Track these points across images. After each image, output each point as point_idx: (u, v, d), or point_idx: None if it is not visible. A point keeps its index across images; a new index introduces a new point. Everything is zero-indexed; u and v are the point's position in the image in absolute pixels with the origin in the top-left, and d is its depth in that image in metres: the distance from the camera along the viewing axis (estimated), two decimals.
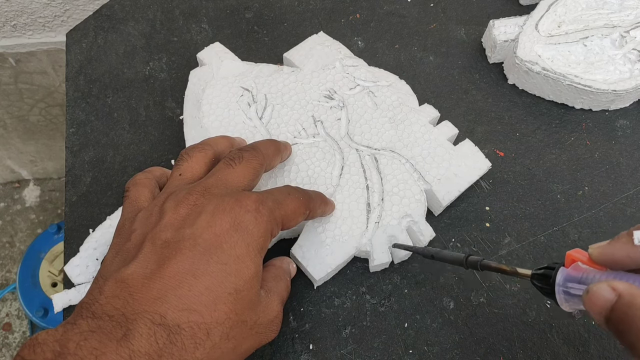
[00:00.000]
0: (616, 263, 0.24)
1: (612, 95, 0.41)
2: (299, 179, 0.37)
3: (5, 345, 1.04)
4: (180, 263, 0.26)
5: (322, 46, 0.43)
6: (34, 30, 0.74)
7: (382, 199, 0.37)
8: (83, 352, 0.23)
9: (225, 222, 0.28)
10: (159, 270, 0.26)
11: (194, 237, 0.27)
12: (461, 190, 0.38)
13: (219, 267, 0.27)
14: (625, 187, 0.40)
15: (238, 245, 0.28)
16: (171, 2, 0.50)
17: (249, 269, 0.28)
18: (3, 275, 1.10)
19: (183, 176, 0.32)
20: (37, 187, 1.18)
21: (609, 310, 0.22)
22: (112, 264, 0.28)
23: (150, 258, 0.27)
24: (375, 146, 0.39)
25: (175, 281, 0.26)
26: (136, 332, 0.24)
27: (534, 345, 0.34)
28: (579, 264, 0.25)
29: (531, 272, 0.27)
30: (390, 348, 0.34)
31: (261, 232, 0.29)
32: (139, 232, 0.29)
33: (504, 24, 0.44)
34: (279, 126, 0.39)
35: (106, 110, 0.45)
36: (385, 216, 0.36)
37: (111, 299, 0.26)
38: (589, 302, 0.22)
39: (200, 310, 0.26)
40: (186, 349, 0.25)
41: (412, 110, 0.40)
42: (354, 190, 0.37)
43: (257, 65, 0.43)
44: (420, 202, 0.37)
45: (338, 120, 0.40)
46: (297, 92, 0.41)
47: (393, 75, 0.42)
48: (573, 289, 0.24)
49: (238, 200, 0.29)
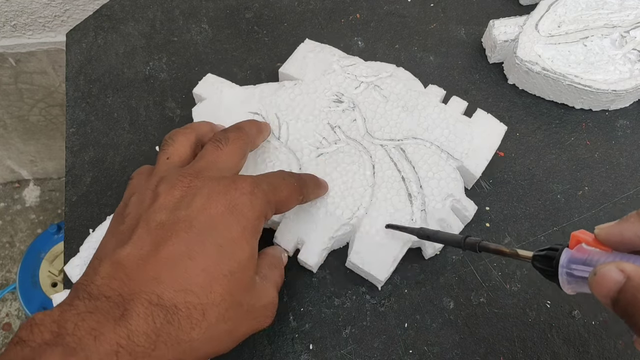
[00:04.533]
0: (624, 243, 0.23)
1: (612, 95, 0.41)
2: (336, 188, 0.37)
3: (5, 345, 1.04)
4: (176, 245, 0.27)
5: (313, 53, 0.43)
6: (34, 30, 0.74)
7: (420, 186, 0.37)
8: (81, 332, 0.23)
9: (221, 205, 0.28)
10: (154, 252, 0.26)
11: (189, 219, 0.27)
12: (489, 158, 0.38)
13: (214, 249, 0.27)
14: (625, 187, 0.40)
15: (233, 227, 0.28)
16: (171, 2, 0.50)
17: (244, 251, 0.28)
18: (3, 275, 1.10)
19: (171, 159, 0.32)
20: (37, 187, 1.18)
21: (617, 292, 0.21)
22: (106, 246, 0.28)
23: (145, 239, 0.27)
24: (397, 137, 0.39)
25: (172, 262, 0.26)
26: (133, 312, 0.24)
27: (534, 345, 0.34)
28: (583, 246, 0.24)
29: (533, 254, 0.26)
30: (390, 348, 0.34)
31: (256, 215, 0.29)
32: (132, 214, 0.29)
33: (504, 24, 0.44)
34: (299, 141, 0.39)
35: (106, 110, 0.45)
36: (428, 202, 0.36)
37: (107, 279, 0.26)
38: (595, 284, 0.22)
39: (196, 291, 0.26)
40: (183, 328, 0.25)
41: (421, 94, 0.40)
42: (391, 185, 0.37)
43: (256, 87, 0.42)
44: (456, 179, 0.37)
45: (354, 122, 0.40)
46: (306, 103, 0.40)
47: (390, 65, 0.43)
48: (577, 270, 0.24)
49: (233, 182, 0.29)
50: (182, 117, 0.44)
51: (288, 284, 0.36)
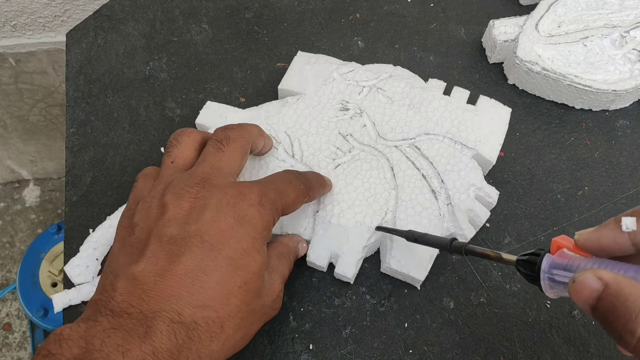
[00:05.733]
0: (602, 249, 0.24)
1: (612, 95, 0.41)
2: (360, 197, 0.37)
3: (5, 345, 1.04)
4: (190, 260, 0.27)
5: (310, 65, 0.42)
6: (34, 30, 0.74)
7: (442, 181, 0.37)
8: (108, 348, 0.24)
9: (230, 217, 0.28)
10: (169, 268, 0.27)
11: (200, 233, 0.28)
12: (501, 142, 0.39)
13: (227, 262, 0.27)
14: (625, 187, 0.40)
15: (244, 239, 0.28)
16: (171, 2, 0.50)
17: (256, 261, 0.28)
18: (3, 275, 1.10)
19: (175, 163, 0.32)
20: (37, 187, 1.18)
21: (596, 300, 0.22)
22: (118, 258, 0.29)
23: (158, 255, 0.27)
24: (410, 136, 0.39)
25: (188, 278, 0.27)
26: (157, 329, 0.25)
27: (534, 345, 0.34)
28: (564, 251, 0.25)
29: (516, 258, 0.27)
30: (390, 348, 0.34)
31: (265, 224, 0.29)
32: (141, 225, 0.29)
33: (504, 24, 0.44)
34: (315, 155, 0.39)
35: (106, 110, 0.45)
36: (452, 195, 0.37)
37: (126, 296, 0.26)
38: (574, 292, 0.22)
39: (213, 305, 0.27)
40: (203, 342, 0.26)
41: (423, 90, 0.41)
42: (414, 184, 0.37)
43: (260, 107, 0.41)
44: (475, 168, 0.38)
45: (364, 127, 0.40)
46: (313, 117, 0.40)
47: (388, 65, 0.43)
48: (558, 275, 0.24)
49: (241, 193, 0.29)
50: (182, 117, 0.44)
51: (288, 283, 0.36)
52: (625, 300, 0.21)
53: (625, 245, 0.23)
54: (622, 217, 0.24)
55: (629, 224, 0.23)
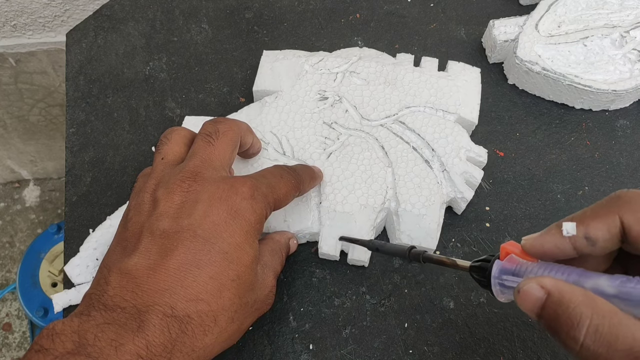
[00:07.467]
0: (546, 254, 0.24)
1: (612, 95, 0.41)
2: (358, 180, 0.37)
3: (5, 345, 1.04)
4: (183, 254, 0.27)
5: (279, 61, 0.42)
6: (34, 30, 0.74)
7: (432, 150, 0.38)
8: (102, 342, 0.24)
9: (222, 211, 0.28)
10: (162, 262, 0.27)
11: (193, 227, 0.28)
12: (479, 102, 0.41)
13: (220, 256, 0.27)
14: (625, 187, 0.40)
15: (236, 233, 0.28)
16: (171, 2, 0.50)
17: (248, 254, 0.29)
18: (3, 275, 1.10)
19: (165, 159, 0.32)
20: (37, 187, 1.18)
21: (540, 309, 0.22)
22: (113, 254, 0.29)
23: (151, 249, 0.27)
24: (392, 113, 0.40)
25: (180, 272, 0.27)
26: (150, 323, 0.25)
27: (534, 345, 0.34)
28: (513, 256, 0.25)
29: (469, 265, 0.27)
30: (390, 348, 0.34)
31: (257, 218, 0.29)
32: (134, 220, 0.29)
33: (504, 24, 0.44)
34: (305, 149, 0.39)
35: (106, 110, 0.45)
36: (446, 161, 0.37)
37: (119, 290, 0.26)
38: (520, 301, 0.23)
39: (206, 299, 0.27)
40: (196, 336, 0.26)
41: (395, 65, 0.42)
42: (407, 157, 0.38)
43: (240, 112, 0.41)
44: (460, 131, 0.39)
45: (347, 112, 0.40)
46: (295, 111, 0.40)
47: (354, 48, 0.44)
48: (507, 281, 0.25)
49: (233, 187, 0.29)
50: (182, 117, 0.44)
51: (288, 284, 0.36)
52: (567, 308, 0.21)
53: (567, 249, 0.24)
54: (563, 222, 0.24)
55: (569, 229, 0.24)
